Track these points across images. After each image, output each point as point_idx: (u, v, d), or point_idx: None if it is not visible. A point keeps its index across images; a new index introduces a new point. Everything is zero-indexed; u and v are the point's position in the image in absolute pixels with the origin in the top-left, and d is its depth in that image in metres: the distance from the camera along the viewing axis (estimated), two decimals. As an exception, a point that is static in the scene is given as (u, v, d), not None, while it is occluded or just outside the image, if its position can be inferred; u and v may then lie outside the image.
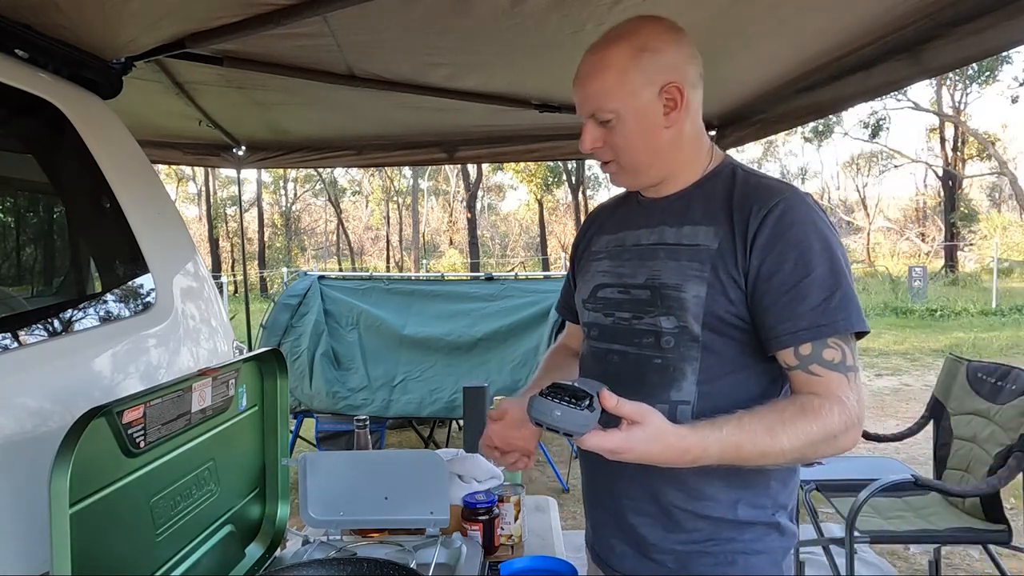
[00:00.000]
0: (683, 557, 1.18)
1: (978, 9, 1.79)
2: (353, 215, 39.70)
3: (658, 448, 0.98)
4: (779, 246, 1.08)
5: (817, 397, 1.05)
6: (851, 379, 1.06)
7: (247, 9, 1.84)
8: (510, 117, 3.27)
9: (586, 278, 1.31)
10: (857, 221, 35.04)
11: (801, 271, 1.07)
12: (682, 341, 1.14)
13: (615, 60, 1.13)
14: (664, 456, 0.99)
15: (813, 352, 1.06)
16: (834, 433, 1.03)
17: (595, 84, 1.14)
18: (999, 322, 13.16)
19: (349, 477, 1.53)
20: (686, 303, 1.13)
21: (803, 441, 1.02)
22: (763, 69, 2.59)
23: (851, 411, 1.04)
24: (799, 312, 1.06)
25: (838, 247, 1.10)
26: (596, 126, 1.17)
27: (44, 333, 1.40)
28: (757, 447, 1.01)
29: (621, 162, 1.19)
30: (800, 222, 1.09)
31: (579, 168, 26.65)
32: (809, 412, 1.03)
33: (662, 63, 1.13)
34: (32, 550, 1.09)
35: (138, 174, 1.86)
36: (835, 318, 1.06)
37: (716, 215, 1.15)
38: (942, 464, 2.97)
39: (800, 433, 1.02)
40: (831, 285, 1.06)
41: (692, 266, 1.14)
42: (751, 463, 1.04)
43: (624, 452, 0.98)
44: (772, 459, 1.03)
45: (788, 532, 1.20)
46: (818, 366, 1.06)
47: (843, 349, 1.06)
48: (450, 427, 5.82)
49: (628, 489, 1.21)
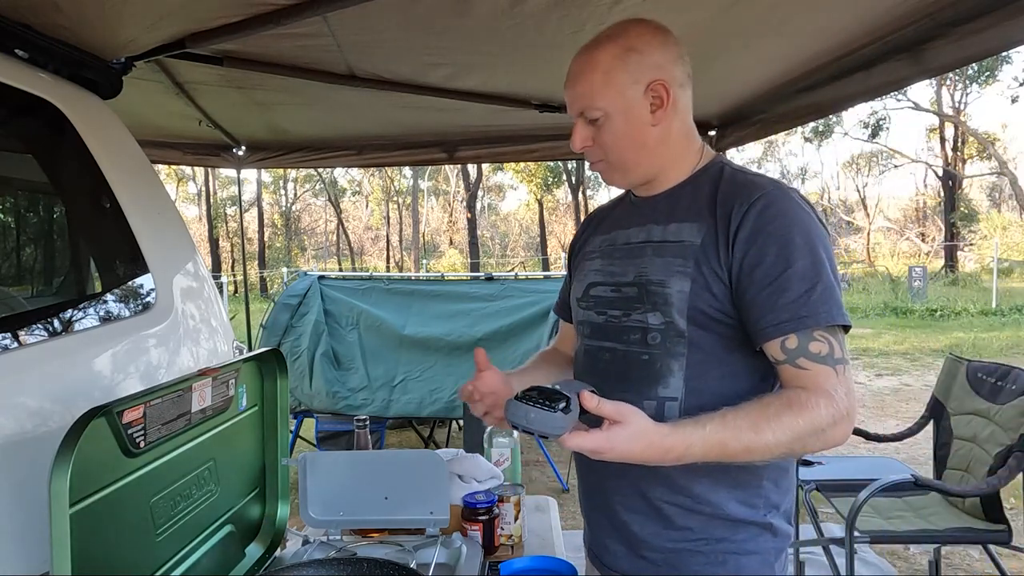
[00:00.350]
0: (674, 556, 1.18)
1: (978, 9, 1.79)
2: (353, 215, 39.71)
3: (639, 447, 0.99)
4: (760, 239, 1.09)
5: (804, 391, 1.05)
6: (839, 372, 1.05)
7: (247, 9, 1.84)
8: (510, 117, 3.27)
9: (580, 277, 1.33)
10: (857, 221, 35.04)
11: (782, 264, 1.07)
12: (668, 337, 1.14)
13: (602, 61, 1.16)
14: (646, 454, 0.99)
15: (799, 345, 1.06)
16: (821, 427, 1.02)
17: (583, 84, 1.17)
18: (999, 322, 13.16)
19: (349, 477, 1.53)
20: (671, 298, 1.14)
21: (789, 435, 1.01)
22: (763, 69, 2.59)
23: (839, 404, 1.03)
24: (780, 304, 1.06)
25: (821, 241, 1.10)
26: (586, 125, 1.19)
27: (44, 333, 1.40)
28: (742, 443, 1.01)
29: (610, 159, 1.21)
30: (782, 215, 1.10)
31: (579, 168, 26.65)
32: (795, 406, 1.03)
33: (648, 63, 1.15)
34: (32, 550, 1.09)
35: (138, 174, 1.86)
36: (817, 310, 1.05)
37: (700, 211, 1.17)
38: (942, 464, 2.97)
39: (786, 428, 1.01)
40: (812, 277, 1.06)
41: (676, 262, 1.15)
42: (738, 459, 1.03)
43: (605, 451, 0.98)
44: (759, 454, 1.03)
45: (782, 533, 1.20)
46: (805, 359, 1.06)
47: (830, 342, 1.06)
48: (450, 427, 5.82)
49: (619, 487, 1.21)
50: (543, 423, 0.97)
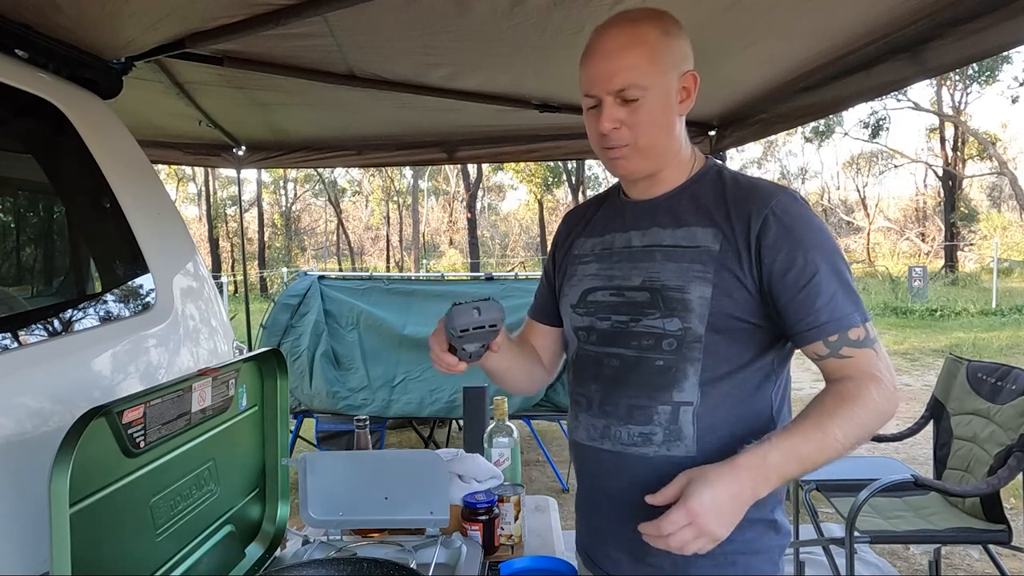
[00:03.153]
0: (679, 558, 1.17)
1: (978, 9, 1.79)
2: (353, 215, 39.70)
3: (723, 485, 0.99)
4: (786, 245, 1.11)
5: (851, 381, 1.08)
6: (878, 351, 1.10)
7: (247, 9, 1.84)
8: (510, 117, 3.27)
9: (572, 282, 1.29)
10: (857, 221, 35.03)
11: (812, 268, 1.10)
12: (685, 342, 1.14)
13: (649, 38, 1.11)
14: (735, 488, 0.99)
15: (840, 338, 1.09)
16: (878, 410, 1.06)
17: (630, 58, 1.10)
18: (999, 322, 13.16)
19: (349, 477, 1.53)
20: (690, 304, 1.13)
21: (853, 424, 1.05)
22: (763, 69, 2.59)
23: (886, 382, 1.07)
24: (817, 307, 1.09)
25: (833, 240, 1.15)
26: (618, 105, 1.13)
27: (44, 333, 1.40)
28: (813, 443, 1.03)
29: (638, 144, 1.15)
30: (800, 220, 1.12)
31: (579, 168, 26.65)
32: (848, 397, 1.06)
33: (682, 51, 1.15)
34: (32, 550, 1.09)
35: (138, 174, 1.86)
36: (849, 310, 1.09)
37: (711, 217, 1.16)
38: (942, 464, 2.97)
39: (847, 417, 1.05)
40: (838, 278, 1.10)
41: (695, 268, 1.14)
42: (812, 463, 1.05)
43: (698, 513, 0.97)
44: (830, 452, 1.04)
45: (783, 530, 1.21)
46: (847, 348, 1.09)
47: (865, 327, 1.10)
48: (450, 427, 5.82)
49: (621, 492, 1.20)
50: (489, 312, 1.13)
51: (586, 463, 1.27)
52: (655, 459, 1.16)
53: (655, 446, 1.16)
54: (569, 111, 3.14)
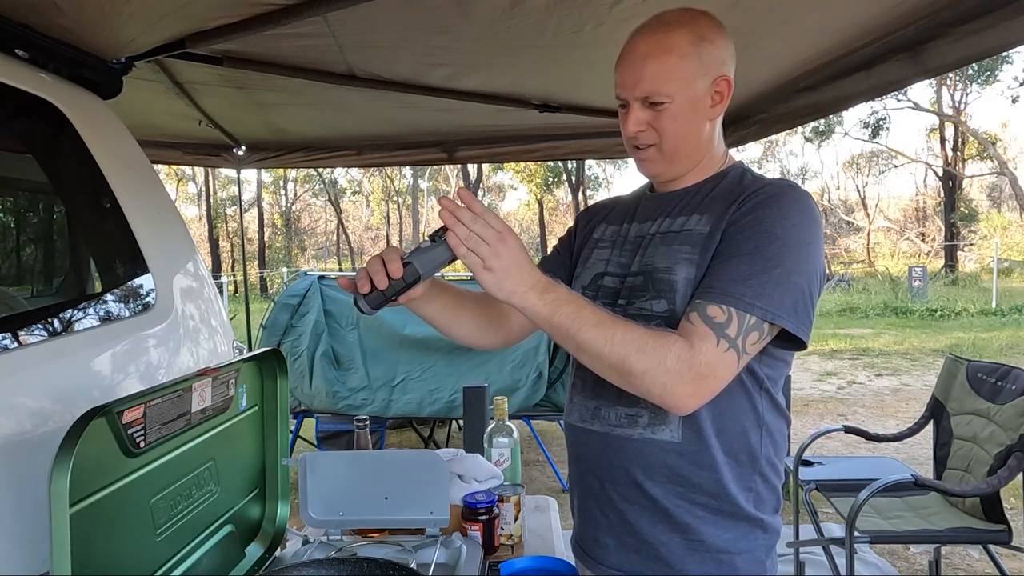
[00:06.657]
0: (663, 548, 1.18)
1: (978, 9, 1.79)
2: (353, 215, 39.72)
3: (526, 259, 1.04)
4: (744, 220, 1.10)
5: (672, 332, 1.06)
6: (718, 343, 1.03)
7: (247, 9, 1.84)
8: (510, 117, 3.27)
9: (587, 264, 1.32)
10: (857, 221, 35.04)
11: (746, 245, 1.08)
12: (671, 324, 1.13)
13: (678, 45, 1.12)
14: (528, 268, 1.03)
15: (699, 305, 1.07)
16: (665, 364, 1.02)
17: (656, 66, 1.12)
18: (999, 322, 13.17)
19: (349, 477, 1.53)
20: (676, 285, 1.13)
21: (634, 344, 1.02)
22: (763, 69, 2.59)
23: (692, 360, 1.02)
24: (718, 274, 1.08)
25: (806, 245, 1.08)
26: (643, 109, 1.15)
27: (44, 333, 1.40)
28: (596, 315, 1.03)
29: (663, 147, 1.17)
30: (775, 206, 1.10)
31: (579, 168, 26.66)
32: (655, 332, 1.05)
33: (717, 56, 1.15)
34: (32, 550, 1.09)
35: (138, 174, 1.86)
36: (744, 294, 1.04)
37: (711, 205, 1.17)
38: (942, 464, 2.97)
39: (634, 336, 1.03)
40: (764, 267, 1.05)
41: (683, 249, 1.15)
42: (579, 334, 1.03)
43: (509, 242, 1.02)
44: (601, 342, 1.03)
45: (771, 529, 1.20)
46: (696, 315, 1.06)
47: (732, 317, 1.04)
48: (450, 427, 5.82)
49: (614, 476, 1.21)
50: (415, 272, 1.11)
51: (577, 445, 1.29)
52: (639, 441, 1.17)
53: (640, 428, 1.17)
54: (569, 111, 3.14)
